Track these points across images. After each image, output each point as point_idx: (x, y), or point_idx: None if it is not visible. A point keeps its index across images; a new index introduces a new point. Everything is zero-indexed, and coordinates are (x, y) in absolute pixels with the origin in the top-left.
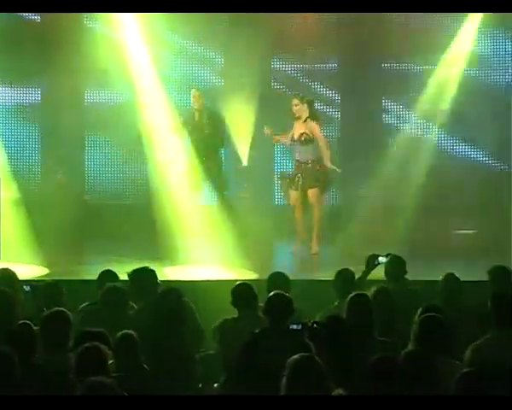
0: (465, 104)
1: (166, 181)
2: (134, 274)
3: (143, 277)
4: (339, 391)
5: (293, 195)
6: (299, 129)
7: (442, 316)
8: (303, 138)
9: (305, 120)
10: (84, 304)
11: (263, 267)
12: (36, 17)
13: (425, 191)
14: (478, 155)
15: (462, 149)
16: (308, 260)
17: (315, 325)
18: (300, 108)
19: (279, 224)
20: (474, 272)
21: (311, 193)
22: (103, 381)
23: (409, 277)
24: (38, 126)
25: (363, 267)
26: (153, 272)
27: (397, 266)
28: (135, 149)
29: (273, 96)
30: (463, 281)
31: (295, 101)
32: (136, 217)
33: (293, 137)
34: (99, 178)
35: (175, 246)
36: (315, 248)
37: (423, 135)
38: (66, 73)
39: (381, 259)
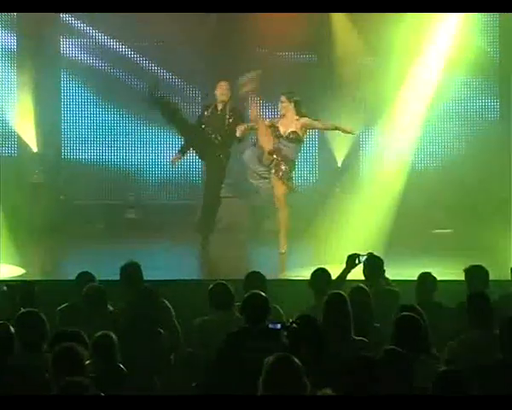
0: (445, 104)
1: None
2: (123, 267)
3: (131, 268)
4: (326, 391)
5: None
6: (287, 126)
7: (419, 315)
8: (292, 136)
9: (296, 119)
10: (63, 305)
11: (240, 267)
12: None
13: (402, 190)
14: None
15: (440, 148)
16: (283, 260)
17: (293, 325)
18: (287, 106)
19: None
20: (451, 272)
21: (283, 191)
22: (79, 381)
23: (389, 276)
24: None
25: (337, 266)
26: (138, 265)
27: (375, 265)
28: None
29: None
30: (441, 280)
31: (283, 98)
32: (114, 216)
33: (278, 131)
34: (75, 178)
35: (151, 245)
36: (283, 247)
37: (400, 134)
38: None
39: (362, 258)
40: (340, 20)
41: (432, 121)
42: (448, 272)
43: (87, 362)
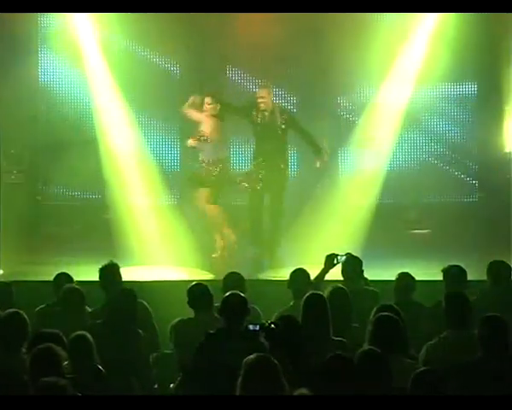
0: (425, 105)
1: (121, 181)
2: (102, 268)
3: (110, 269)
4: (302, 391)
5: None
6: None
7: (397, 315)
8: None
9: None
10: (41, 305)
11: (219, 267)
12: None
13: (380, 190)
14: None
15: (419, 149)
16: (264, 261)
17: (272, 326)
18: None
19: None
20: (430, 272)
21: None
22: (56, 382)
23: (368, 276)
24: None
25: (316, 267)
26: (117, 265)
27: (353, 265)
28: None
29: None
30: (419, 280)
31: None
32: (90, 217)
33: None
34: (52, 178)
35: (130, 247)
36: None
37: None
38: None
39: (340, 258)
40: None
41: (410, 122)
42: (426, 272)
43: (65, 363)
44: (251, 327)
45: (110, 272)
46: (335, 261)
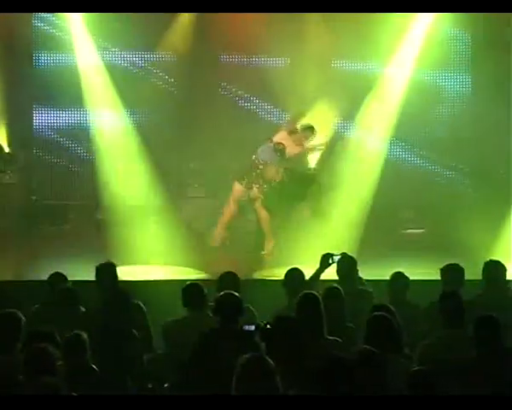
0: (416, 106)
1: (115, 180)
2: (98, 267)
3: (106, 268)
4: (293, 391)
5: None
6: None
7: (391, 315)
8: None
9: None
10: (36, 305)
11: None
12: None
13: (375, 190)
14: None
15: (411, 150)
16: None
17: (268, 326)
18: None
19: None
20: (425, 271)
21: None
22: (49, 381)
23: (362, 276)
24: None
25: (311, 266)
26: (113, 265)
27: (348, 265)
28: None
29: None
30: (414, 280)
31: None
32: (86, 217)
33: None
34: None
35: (125, 246)
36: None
37: (370, 134)
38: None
39: (336, 258)
40: (313, 21)
41: (404, 124)
42: (421, 271)
43: (59, 363)
44: (246, 327)
45: (107, 272)
46: (330, 261)
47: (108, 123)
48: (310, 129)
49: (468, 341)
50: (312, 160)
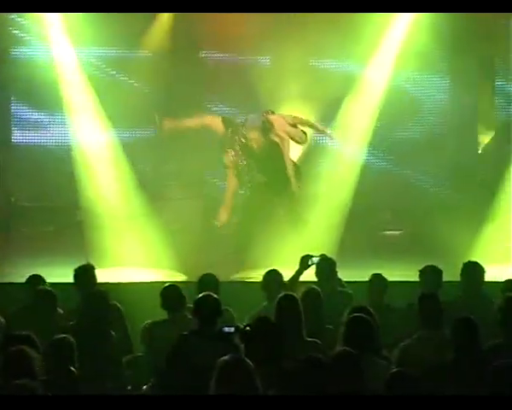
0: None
1: (95, 182)
2: (76, 269)
3: (84, 270)
4: (268, 392)
5: None
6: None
7: (369, 316)
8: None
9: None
10: (13, 307)
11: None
12: None
13: (353, 191)
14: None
15: (393, 149)
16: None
17: (248, 328)
18: None
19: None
20: (404, 273)
21: None
22: (26, 384)
23: (342, 277)
24: None
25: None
26: (92, 267)
27: (327, 267)
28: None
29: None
30: (393, 281)
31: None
32: (64, 218)
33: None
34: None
35: (103, 248)
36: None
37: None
38: None
39: (315, 259)
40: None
41: (383, 125)
42: (400, 273)
43: (38, 365)
44: (226, 329)
45: (85, 274)
46: (310, 263)
47: (86, 124)
48: (305, 134)
49: (447, 342)
50: (290, 157)
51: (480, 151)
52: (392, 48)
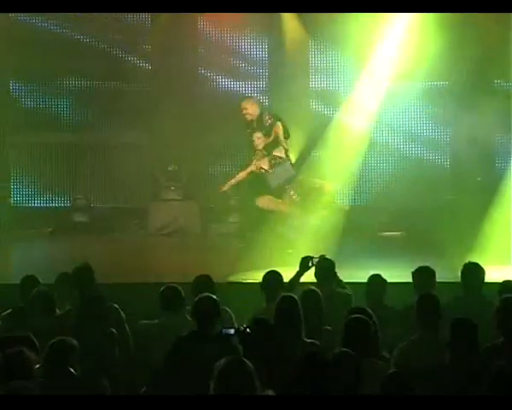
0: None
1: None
2: (74, 269)
3: (82, 270)
4: (268, 392)
5: None
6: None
7: (368, 317)
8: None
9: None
10: (9, 309)
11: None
12: None
13: (353, 191)
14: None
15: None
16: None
17: (247, 330)
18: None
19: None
20: (402, 274)
21: None
22: (24, 385)
23: (342, 278)
24: None
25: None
26: (90, 267)
27: (326, 268)
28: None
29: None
30: (392, 282)
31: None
32: (63, 219)
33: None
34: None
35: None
36: None
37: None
38: None
39: (315, 260)
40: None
41: (381, 126)
42: (399, 274)
43: (36, 366)
44: (225, 331)
45: (84, 274)
46: (310, 264)
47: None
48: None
49: (445, 343)
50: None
51: (480, 151)
52: (389, 53)
